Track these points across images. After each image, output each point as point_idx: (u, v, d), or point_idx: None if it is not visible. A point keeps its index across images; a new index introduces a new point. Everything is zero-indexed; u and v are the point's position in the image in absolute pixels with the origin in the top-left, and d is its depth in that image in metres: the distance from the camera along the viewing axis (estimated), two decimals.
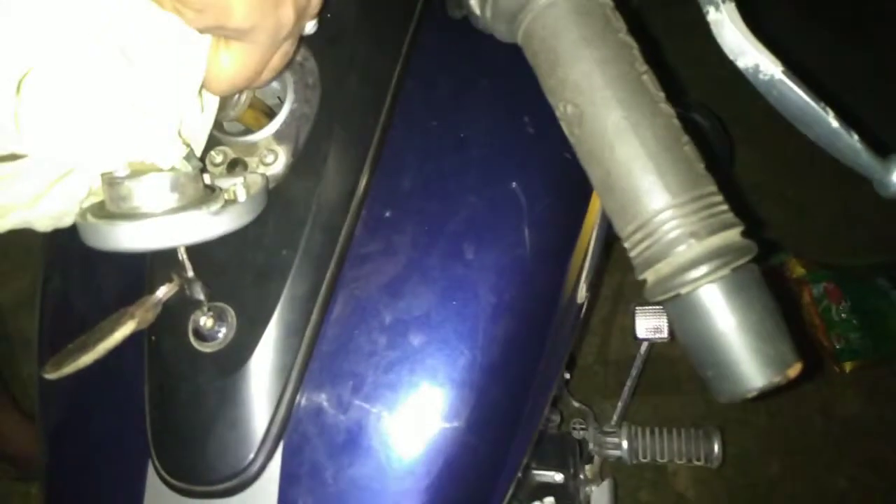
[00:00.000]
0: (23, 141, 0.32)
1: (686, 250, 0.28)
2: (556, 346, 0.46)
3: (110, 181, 0.35)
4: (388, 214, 0.44)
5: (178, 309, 0.41)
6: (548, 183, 0.46)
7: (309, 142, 0.43)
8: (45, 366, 0.40)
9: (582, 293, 0.48)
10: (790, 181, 1.46)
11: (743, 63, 0.35)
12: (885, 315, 1.45)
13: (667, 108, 0.30)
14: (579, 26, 0.31)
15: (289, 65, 0.41)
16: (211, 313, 0.40)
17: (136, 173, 0.35)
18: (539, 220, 0.45)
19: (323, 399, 0.41)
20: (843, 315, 1.43)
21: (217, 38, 0.35)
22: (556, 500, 0.72)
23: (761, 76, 0.35)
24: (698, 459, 0.92)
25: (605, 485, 0.88)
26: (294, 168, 0.42)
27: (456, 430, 0.41)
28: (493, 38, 0.39)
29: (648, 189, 0.29)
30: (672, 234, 0.28)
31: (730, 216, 0.29)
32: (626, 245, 0.30)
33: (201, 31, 0.34)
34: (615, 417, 0.97)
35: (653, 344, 0.96)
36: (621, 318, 1.42)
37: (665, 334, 0.92)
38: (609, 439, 0.92)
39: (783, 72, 0.34)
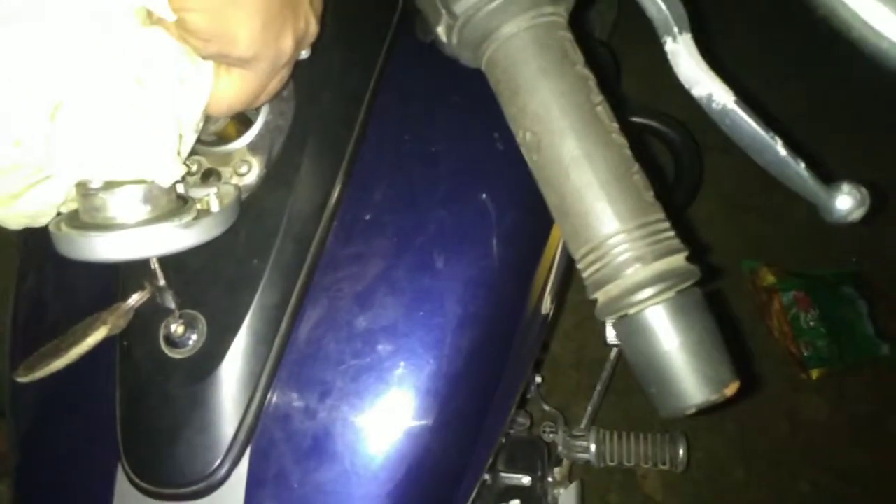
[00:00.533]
0: (53, 162, 0.34)
1: (633, 273, 0.30)
2: (521, 355, 0.47)
3: (85, 192, 0.36)
4: (359, 226, 0.46)
5: (150, 315, 0.42)
6: (516, 197, 0.47)
7: (283, 153, 0.44)
8: (17, 368, 0.41)
9: (547, 304, 0.50)
10: (760, 190, 1.48)
11: (697, 92, 0.37)
12: (852, 323, 1.48)
13: (619, 139, 0.32)
14: (538, 58, 0.32)
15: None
16: (182, 321, 0.41)
17: (109, 184, 0.36)
18: (506, 233, 0.46)
19: (290, 405, 0.42)
20: (811, 323, 1.46)
21: (219, 64, 0.36)
22: (523, 502, 0.73)
23: (714, 105, 0.36)
24: (664, 463, 0.94)
25: (573, 487, 0.90)
26: (267, 179, 0.43)
27: (419, 435, 0.42)
28: None
29: (599, 215, 0.30)
30: (621, 258, 0.30)
31: (675, 242, 0.31)
32: (579, 266, 0.32)
33: (206, 58, 0.35)
34: (584, 421, 0.99)
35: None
36: (598, 324, 1.44)
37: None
38: (578, 442, 0.94)
39: (735, 101, 0.36)
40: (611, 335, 0.95)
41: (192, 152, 0.45)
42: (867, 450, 1.34)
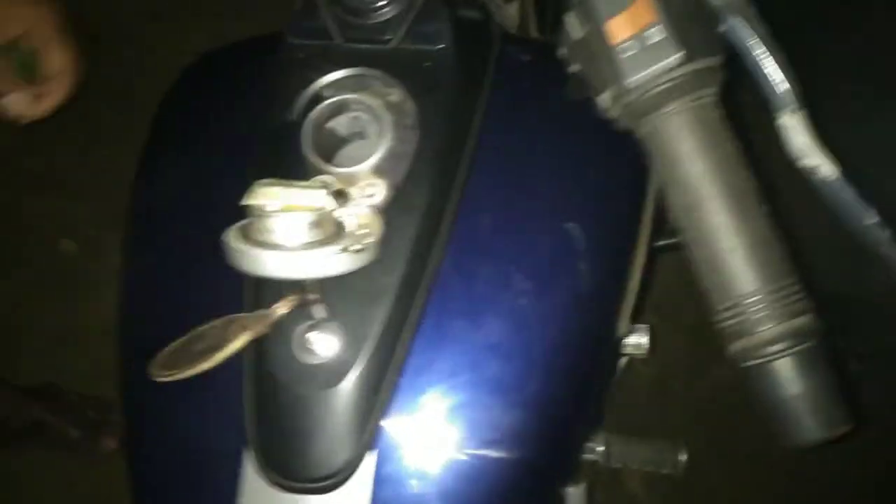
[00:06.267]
0: None
1: (769, 330, 0.35)
2: (599, 379, 0.53)
3: (260, 213, 0.39)
4: (469, 252, 0.50)
5: (286, 319, 0.45)
6: (603, 227, 0.52)
7: (407, 178, 0.48)
8: (152, 366, 0.44)
9: (623, 327, 0.55)
10: None
11: (803, 164, 0.42)
12: None
13: (765, 209, 0.37)
14: (697, 134, 0.37)
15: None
16: (319, 328, 0.44)
17: (284, 209, 0.39)
18: (594, 261, 0.51)
19: (409, 409, 0.46)
20: None
21: None
22: None
23: (817, 176, 0.41)
24: (665, 467, 1.01)
25: (581, 487, 0.96)
26: (394, 202, 0.47)
27: (523, 440, 0.47)
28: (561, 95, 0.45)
29: (744, 277, 0.35)
30: (759, 315, 0.35)
31: (805, 303, 0.36)
32: (717, 317, 0.37)
33: None
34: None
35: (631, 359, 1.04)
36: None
37: (645, 351, 1.00)
38: (587, 444, 1.00)
39: (839, 176, 0.41)
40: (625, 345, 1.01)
41: (318, 170, 0.48)
42: (839, 458, 1.44)
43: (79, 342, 1.44)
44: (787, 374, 0.35)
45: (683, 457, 1.01)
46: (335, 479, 0.44)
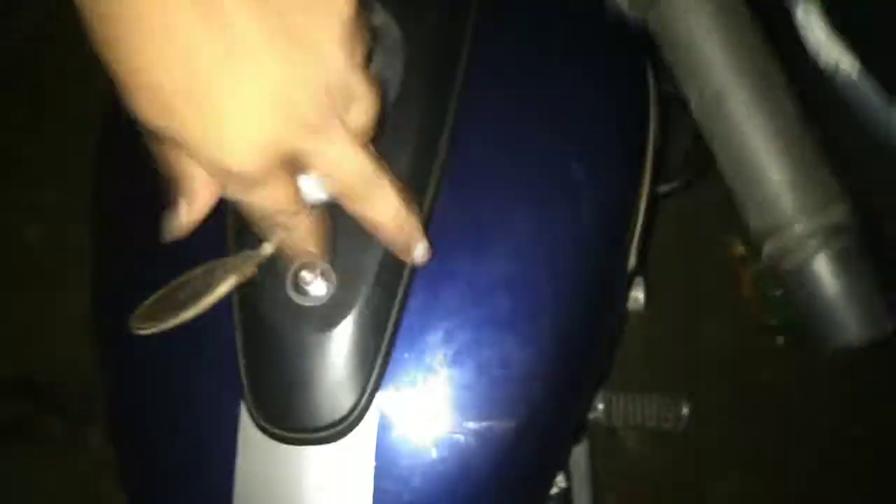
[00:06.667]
0: None
1: (803, 223, 0.32)
2: (613, 311, 0.50)
3: None
4: (467, 184, 0.46)
5: (275, 262, 0.42)
6: (610, 156, 0.49)
7: (395, 106, 0.44)
8: (132, 320, 0.40)
9: (632, 260, 0.52)
10: None
11: (823, 62, 0.39)
12: None
13: (793, 95, 0.34)
14: (714, 11, 0.33)
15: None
16: (313, 268, 0.41)
17: None
18: (601, 192, 0.48)
19: (414, 352, 0.43)
20: (779, 292, 1.54)
21: None
22: None
23: (839, 74, 0.39)
24: (667, 422, 0.99)
25: (583, 445, 0.94)
26: (381, 132, 0.44)
27: (535, 383, 0.44)
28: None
29: (776, 167, 0.33)
30: (792, 208, 0.33)
31: (841, 194, 0.33)
32: (747, 218, 0.34)
33: None
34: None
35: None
36: None
37: (641, 305, 0.98)
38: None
39: (859, 70, 0.39)
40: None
41: None
42: (831, 411, 1.44)
43: (50, 334, 1.39)
44: (824, 271, 0.32)
45: (686, 410, 0.99)
46: (338, 428, 0.40)
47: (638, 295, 0.95)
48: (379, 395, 0.42)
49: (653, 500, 1.41)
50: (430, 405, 0.43)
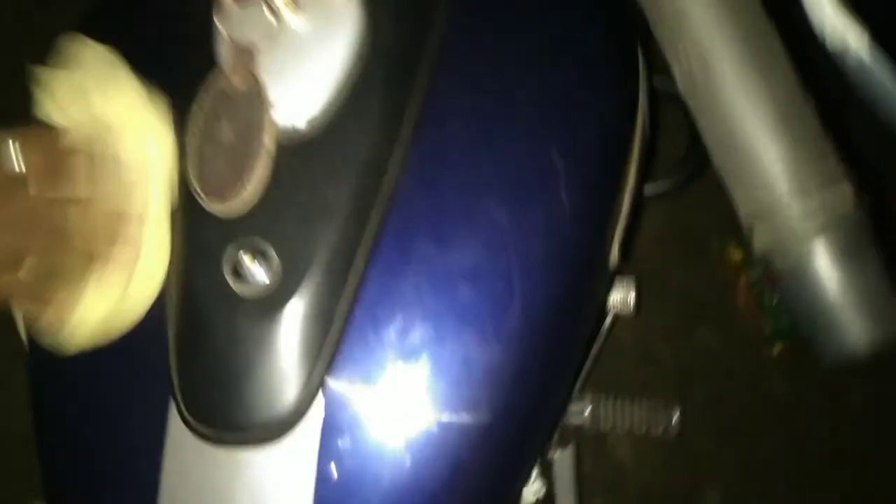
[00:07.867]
0: None
1: (801, 204, 0.28)
2: (591, 311, 0.46)
3: None
4: (434, 163, 0.42)
5: (213, 244, 0.38)
6: (590, 142, 0.45)
7: (358, 87, 0.40)
8: None
9: (614, 255, 0.48)
10: None
11: (830, 39, 0.35)
12: None
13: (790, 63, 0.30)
14: None
15: None
16: (251, 251, 0.37)
17: None
18: (580, 180, 0.44)
19: (366, 345, 0.39)
20: (774, 301, 1.50)
21: None
22: None
23: (847, 51, 0.35)
24: (657, 429, 0.95)
25: (568, 450, 0.90)
26: (342, 103, 0.40)
27: (498, 383, 0.40)
28: None
29: (771, 141, 0.28)
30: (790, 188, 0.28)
31: (843, 171, 0.29)
32: (740, 206, 0.30)
33: None
34: (578, 384, 0.99)
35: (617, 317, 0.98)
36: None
37: (630, 308, 0.94)
38: (572, 406, 0.94)
39: (867, 43, 0.35)
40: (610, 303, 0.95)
41: None
42: (823, 419, 1.41)
43: None
44: (824, 262, 0.28)
45: (676, 415, 0.95)
46: (275, 428, 0.36)
47: (628, 298, 0.91)
48: (323, 393, 0.38)
49: None
50: (380, 405, 0.38)
